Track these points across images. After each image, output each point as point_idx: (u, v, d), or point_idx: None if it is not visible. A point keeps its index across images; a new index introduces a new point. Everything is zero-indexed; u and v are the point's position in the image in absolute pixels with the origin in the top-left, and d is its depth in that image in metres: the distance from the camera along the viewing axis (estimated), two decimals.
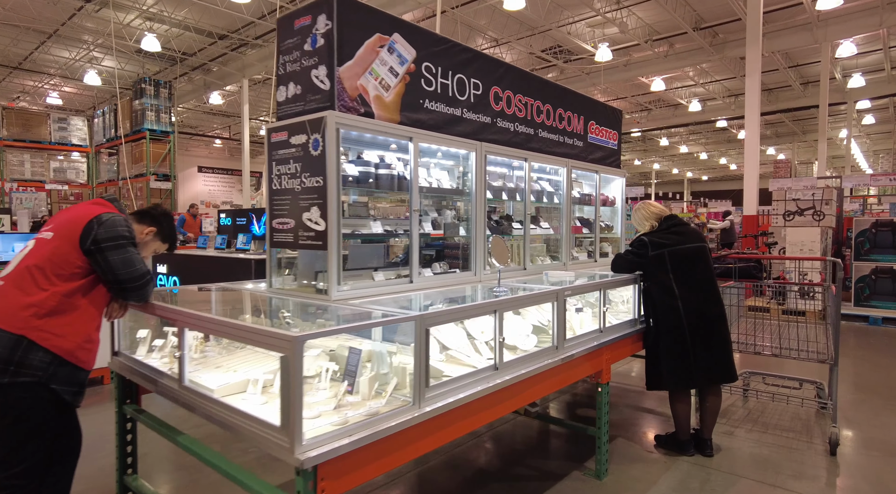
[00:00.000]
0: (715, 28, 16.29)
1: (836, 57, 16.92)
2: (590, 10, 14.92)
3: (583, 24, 16.02)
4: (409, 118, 3.18)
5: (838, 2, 11.54)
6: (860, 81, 18.03)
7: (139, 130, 13.94)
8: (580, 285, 3.57)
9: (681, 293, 3.90)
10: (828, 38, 15.63)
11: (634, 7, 14.95)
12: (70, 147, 15.14)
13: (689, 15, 15.44)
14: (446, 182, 3.60)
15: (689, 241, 3.98)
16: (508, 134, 3.94)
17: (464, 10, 14.60)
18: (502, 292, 3.18)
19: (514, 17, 15.26)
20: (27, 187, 14.91)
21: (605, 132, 5.08)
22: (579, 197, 4.88)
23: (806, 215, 9.65)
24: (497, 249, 3.14)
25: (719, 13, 15.33)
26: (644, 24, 15.98)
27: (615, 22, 15.34)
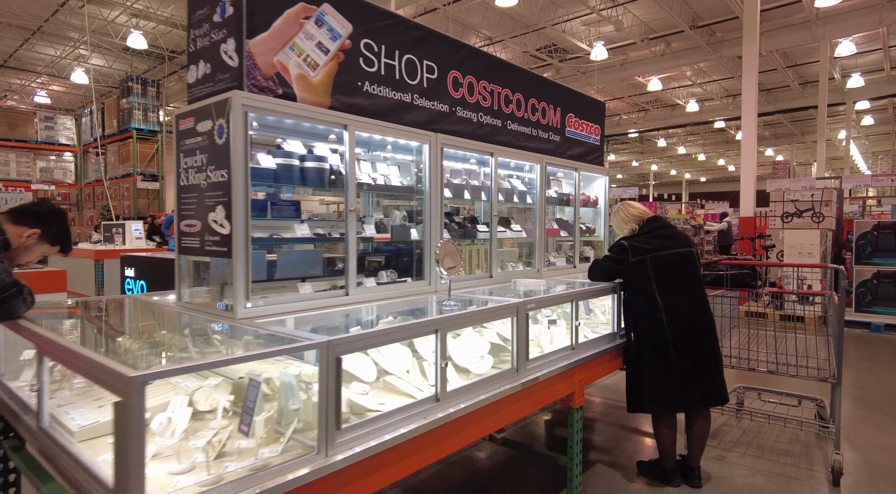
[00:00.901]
0: (712, 26, 15.76)
1: (835, 56, 16.37)
2: (584, 8, 14.41)
3: (578, 22, 15.51)
4: (344, 103, 2.69)
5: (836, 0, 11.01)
6: (859, 81, 17.47)
7: (126, 130, 13.49)
8: (546, 296, 3.06)
9: (665, 304, 3.40)
10: (827, 36, 15.09)
11: (630, 5, 14.43)
12: (57, 147, 14.71)
13: (686, 13, 14.91)
14: (396, 179, 3.11)
15: (674, 245, 3.48)
16: (471, 125, 3.44)
17: (456, 7, 14.10)
18: (452, 306, 2.69)
19: (508, 15, 14.76)
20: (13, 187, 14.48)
21: (586, 126, 4.57)
22: (557, 197, 4.38)
23: (805, 216, 9.13)
24: (446, 254, 2.64)
25: (716, 11, 14.80)
26: (640, 22, 15.46)
27: (610, 20, 14.82)
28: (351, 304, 2.68)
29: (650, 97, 21.89)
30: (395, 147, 3.25)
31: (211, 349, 2.32)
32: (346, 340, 1.90)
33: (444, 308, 2.67)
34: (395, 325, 2.13)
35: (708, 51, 16.23)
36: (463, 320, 2.44)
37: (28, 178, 14.74)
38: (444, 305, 2.67)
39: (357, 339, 1.96)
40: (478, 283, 3.50)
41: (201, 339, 2.32)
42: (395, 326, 2.09)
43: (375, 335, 2.01)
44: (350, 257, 2.68)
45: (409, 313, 2.78)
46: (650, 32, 15.99)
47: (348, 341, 1.91)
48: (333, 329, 2.45)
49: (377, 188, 2.97)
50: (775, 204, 9.37)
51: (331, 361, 1.85)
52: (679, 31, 15.61)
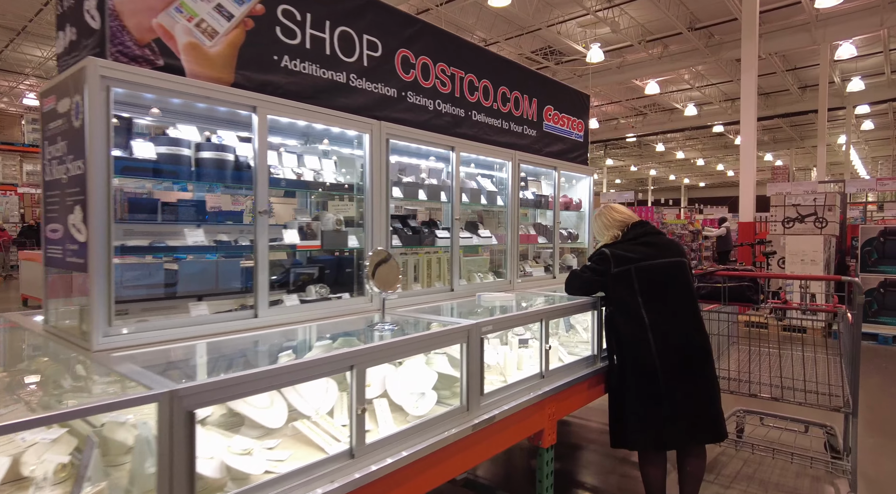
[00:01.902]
0: (710, 28, 15.23)
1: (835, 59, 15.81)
2: (580, 9, 13.89)
3: (573, 23, 14.99)
4: (253, 80, 2.15)
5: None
6: (860, 85, 16.90)
7: None
8: (507, 317, 2.51)
9: (652, 322, 2.86)
10: (827, 38, 14.55)
11: (626, 6, 13.90)
12: None
13: (684, 14, 14.38)
14: (331, 175, 2.57)
15: (662, 254, 2.94)
16: (426, 113, 2.91)
17: (449, 8, 13.60)
18: (385, 330, 2.15)
19: (503, 17, 14.25)
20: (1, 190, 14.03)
21: (567, 120, 4.03)
22: (534, 199, 3.83)
23: (807, 221, 8.56)
24: (379, 266, 2.11)
25: (714, 12, 14.26)
26: (637, 23, 14.93)
27: (606, 21, 14.30)
28: (261, 328, 2.14)
29: (648, 101, 21.34)
30: (336, 139, 2.72)
31: (59, 391, 1.79)
32: (199, 389, 1.36)
33: (377, 332, 2.13)
34: (289, 363, 1.58)
35: (706, 53, 15.70)
36: (391, 351, 1.89)
37: (15, 181, 14.31)
38: (375, 329, 2.13)
39: (218, 387, 1.41)
40: (435, 298, 2.96)
41: (55, 375, 1.80)
42: (284, 366, 1.55)
43: (246, 380, 1.46)
44: (260, 268, 2.14)
45: (334, 338, 2.24)
46: (647, 34, 15.46)
47: (204, 390, 1.37)
48: (216, 365, 1.91)
49: (305, 186, 2.43)
50: (776, 209, 8.80)
51: (178, 418, 1.31)
52: (677, 34, 15.08)
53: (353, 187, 2.63)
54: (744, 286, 3.43)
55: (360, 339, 2.13)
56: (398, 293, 2.70)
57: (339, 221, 2.48)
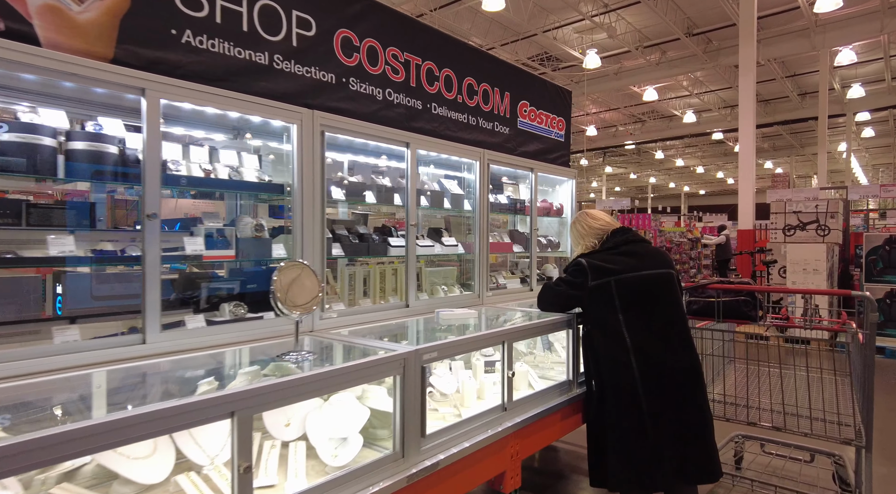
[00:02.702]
0: (708, 34, 14.85)
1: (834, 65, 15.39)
2: (576, 14, 13.53)
3: (570, 29, 14.64)
4: (142, 57, 1.76)
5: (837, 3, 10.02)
6: (860, 92, 16.45)
7: None
8: (456, 341, 2.09)
9: (634, 342, 2.45)
10: (826, 44, 14.14)
11: (623, 11, 13.54)
12: None
13: (681, 20, 14.01)
14: (253, 172, 2.17)
15: (647, 265, 2.53)
16: (373, 104, 2.51)
17: (443, 13, 13.27)
18: (298, 360, 1.74)
19: (498, 22, 13.91)
20: None
21: (545, 117, 3.63)
22: (508, 204, 3.42)
23: (809, 229, 8.11)
24: (292, 284, 1.70)
25: (712, 18, 13.89)
26: (634, 29, 14.57)
27: (603, 27, 13.93)
28: (150, 356, 1.73)
29: (646, 108, 20.95)
30: (264, 132, 2.33)
31: None
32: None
33: (288, 361, 1.72)
34: (120, 416, 1.17)
35: (704, 59, 15.31)
36: (289, 391, 1.47)
37: None
38: (285, 359, 1.72)
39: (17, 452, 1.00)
40: (386, 315, 2.54)
41: None
42: (109, 421, 1.13)
43: (37, 446, 1.04)
44: (149, 284, 1.73)
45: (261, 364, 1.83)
46: (644, 40, 15.10)
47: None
48: (69, 410, 1.49)
49: (217, 185, 2.03)
50: (776, 216, 8.36)
51: None
52: (674, 39, 14.70)
53: (285, 187, 2.23)
54: (740, 301, 3.01)
55: (277, 370, 1.72)
56: (338, 312, 2.30)
57: (258, 226, 2.07)
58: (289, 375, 1.54)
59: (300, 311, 1.73)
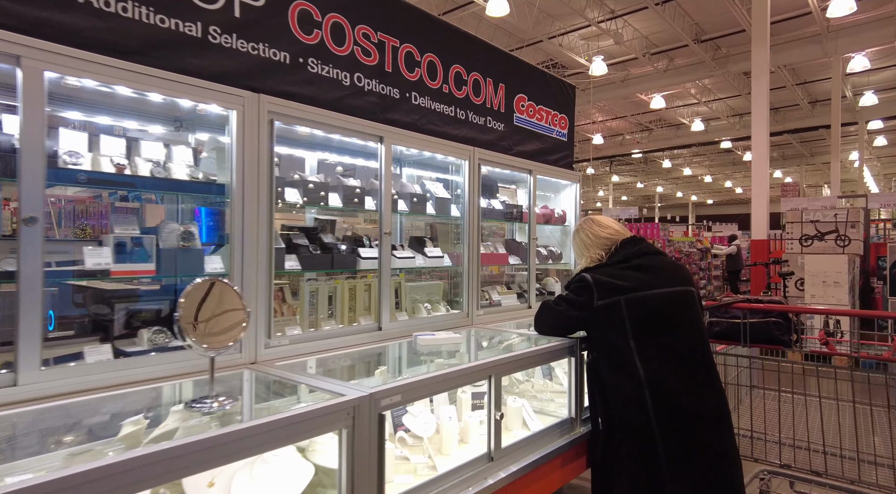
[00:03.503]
0: (717, 41, 14.43)
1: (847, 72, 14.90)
2: (582, 20, 13.16)
3: (576, 35, 14.27)
4: (19, 17, 1.37)
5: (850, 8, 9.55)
6: (873, 99, 15.91)
7: None
8: (431, 377, 1.66)
9: (649, 374, 2.01)
10: (839, 50, 13.68)
11: (630, 17, 13.16)
12: None
13: (689, 26, 13.59)
14: (183, 169, 1.77)
15: (663, 281, 2.10)
16: (337, 89, 2.10)
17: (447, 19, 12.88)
18: (213, 407, 1.32)
19: (503, 29, 13.57)
20: None
21: (546, 114, 3.21)
22: (503, 209, 3.00)
23: (827, 239, 7.61)
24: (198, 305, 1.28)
25: (721, 24, 13.46)
26: (641, 35, 14.18)
27: (610, 33, 13.55)
28: (21, 402, 1.32)
29: (654, 116, 20.50)
30: (204, 122, 1.93)
31: None
32: None
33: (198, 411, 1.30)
34: None
35: (713, 66, 14.88)
36: (167, 465, 1.05)
37: None
38: (194, 407, 1.31)
39: None
40: (352, 341, 2.11)
41: None
42: None
43: None
44: (25, 307, 1.32)
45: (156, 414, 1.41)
46: (652, 47, 14.69)
47: None
48: None
49: (129, 183, 1.63)
50: (792, 225, 7.87)
51: None
52: (682, 46, 14.28)
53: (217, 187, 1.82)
54: (770, 323, 2.56)
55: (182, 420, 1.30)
56: (292, 337, 1.88)
57: (187, 234, 1.67)
58: (170, 441, 1.12)
59: (216, 343, 1.31)
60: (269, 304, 1.83)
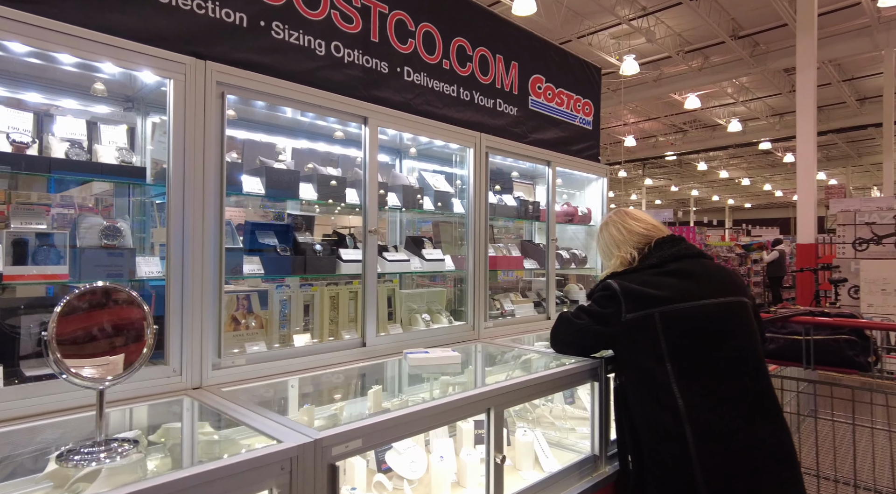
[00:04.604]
0: (755, 37, 13.64)
1: None
2: (612, 18, 12.62)
3: (606, 34, 13.72)
4: None
5: None
6: None
7: None
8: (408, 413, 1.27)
9: (690, 405, 1.59)
10: (890, 43, 12.74)
11: (663, 14, 12.54)
12: None
13: (726, 21, 12.87)
14: (112, 152, 1.44)
15: (708, 291, 1.68)
16: (309, 60, 1.74)
17: None
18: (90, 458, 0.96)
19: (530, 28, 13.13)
20: None
21: (567, 98, 2.79)
22: (518, 206, 2.60)
23: (885, 244, 6.89)
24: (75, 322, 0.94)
25: (760, 19, 12.69)
26: (674, 33, 13.51)
27: (641, 31, 12.96)
28: None
29: (688, 117, 19.64)
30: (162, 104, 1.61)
31: None
32: None
33: (71, 465, 0.95)
34: None
35: (751, 63, 14.07)
36: None
37: None
38: (71, 460, 0.96)
39: None
40: (330, 359, 1.75)
41: None
42: None
43: None
44: None
45: None
46: (685, 44, 14.00)
47: None
48: None
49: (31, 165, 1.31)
50: (845, 228, 7.16)
51: None
52: (718, 43, 13.56)
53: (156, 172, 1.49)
54: (841, 341, 2.07)
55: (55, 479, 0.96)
56: (250, 356, 1.53)
57: (110, 231, 1.34)
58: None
59: (104, 371, 0.96)
60: (217, 316, 1.49)
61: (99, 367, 0.97)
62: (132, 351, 1.01)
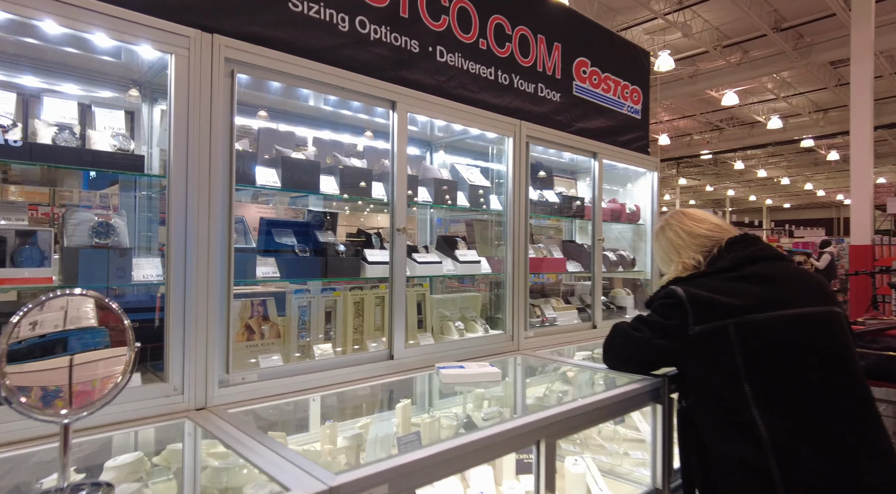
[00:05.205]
0: (798, 28, 12.96)
1: None
2: (647, 13, 12.16)
3: (640, 30, 13.25)
4: None
5: None
6: None
7: None
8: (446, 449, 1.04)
9: (775, 433, 1.32)
10: None
11: (699, 7, 12.02)
12: None
13: (767, 13, 12.26)
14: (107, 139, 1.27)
15: (791, 299, 1.41)
16: (332, 37, 1.54)
17: None
18: None
19: None
20: None
21: (613, 84, 2.52)
22: (560, 203, 2.35)
23: None
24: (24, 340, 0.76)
25: (805, 9, 12.03)
26: (711, 27, 12.97)
27: (677, 25, 12.46)
28: None
29: (725, 114, 18.89)
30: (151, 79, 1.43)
31: None
32: None
33: None
34: None
35: (794, 57, 13.38)
36: None
37: None
38: None
39: None
40: (354, 374, 1.54)
41: None
42: None
43: None
44: None
45: None
46: (723, 39, 13.42)
47: None
48: None
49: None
50: None
51: None
52: (759, 36, 12.94)
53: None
54: None
55: None
56: (263, 372, 1.33)
57: (102, 228, 1.16)
58: None
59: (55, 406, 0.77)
60: (225, 326, 1.29)
61: (32, 398, 0.78)
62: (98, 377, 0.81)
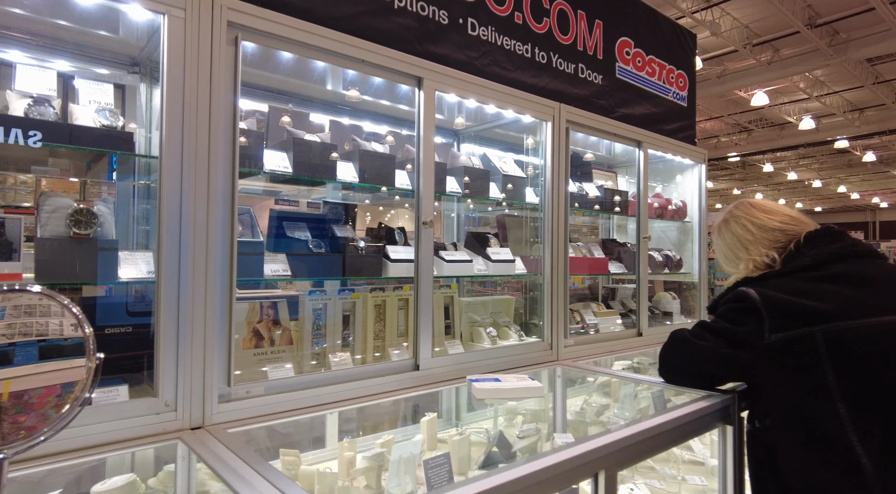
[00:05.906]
0: (834, 24, 12.44)
1: None
2: (675, 11, 11.78)
3: None
4: None
5: None
6: None
7: None
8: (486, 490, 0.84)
9: (880, 464, 1.05)
10: None
11: (728, 5, 11.62)
12: None
13: (800, 10, 11.78)
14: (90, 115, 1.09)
15: (890, 303, 1.15)
16: (351, 3, 1.35)
17: None
18: None
19: None
20: None
21: (658, 67, 2.28)
22: (601, 197, 2.12)
23: None
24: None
25: (841, 4, 11.53)
26: (740, 25, 12.53)
27: (705, 24, 12.07)
28: None
29: (754, 115, 18.28)
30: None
31: None
32: None
33: None
34: None
35: (829, 54, 12.84)
36: None
37: None
38: None
39: None
40: (376, 386, 1.34)
41: None
42: None
43: None
44: None
45: None
46: (753, 37, 12.96)
47: None
48: None
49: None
50: None
51: None
52: (791, 33, 12.45)
53: None
54: None
55: None
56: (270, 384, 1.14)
57: (81, 216, 0.98)
58: None
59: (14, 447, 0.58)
60: (227, 332, 1.11)
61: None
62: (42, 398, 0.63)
